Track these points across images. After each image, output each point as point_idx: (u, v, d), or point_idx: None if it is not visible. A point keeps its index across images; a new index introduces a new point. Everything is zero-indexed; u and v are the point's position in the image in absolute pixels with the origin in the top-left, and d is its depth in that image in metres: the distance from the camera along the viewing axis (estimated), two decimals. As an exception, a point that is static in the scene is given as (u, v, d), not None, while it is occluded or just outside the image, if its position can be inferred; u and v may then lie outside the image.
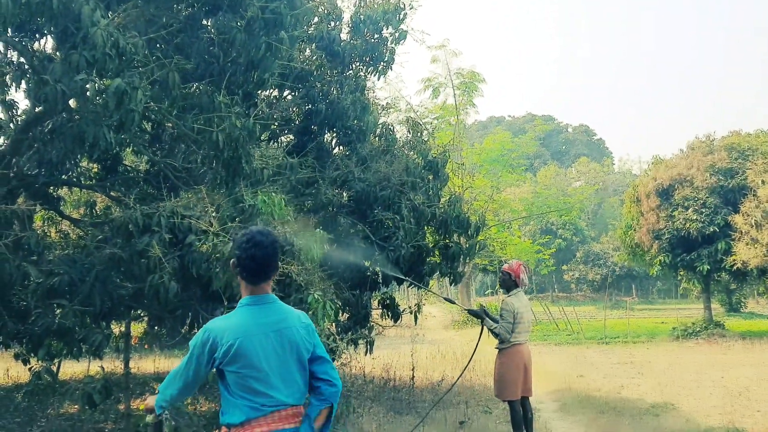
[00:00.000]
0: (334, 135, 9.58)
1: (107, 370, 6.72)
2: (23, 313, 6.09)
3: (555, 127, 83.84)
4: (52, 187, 7.33)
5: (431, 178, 10.01)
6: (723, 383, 11.41)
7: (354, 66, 9.56)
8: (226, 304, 5.50)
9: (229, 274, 5.21)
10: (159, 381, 2.98)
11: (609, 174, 71.08)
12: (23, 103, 10.48)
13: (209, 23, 6.69)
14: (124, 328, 7.80)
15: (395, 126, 10.63)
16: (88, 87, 5.33)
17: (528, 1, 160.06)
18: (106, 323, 6.84)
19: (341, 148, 9.71)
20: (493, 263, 31.46)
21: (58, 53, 5.88)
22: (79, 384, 6.01)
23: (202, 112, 6.10)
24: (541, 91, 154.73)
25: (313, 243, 6.23)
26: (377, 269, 8.77)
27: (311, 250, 6.19)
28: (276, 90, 8.99)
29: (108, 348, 6.58)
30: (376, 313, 9.75)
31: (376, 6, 9.41)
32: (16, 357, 6.41)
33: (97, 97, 5.41)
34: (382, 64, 9.62)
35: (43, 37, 6.35)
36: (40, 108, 6.20)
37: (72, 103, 5.84)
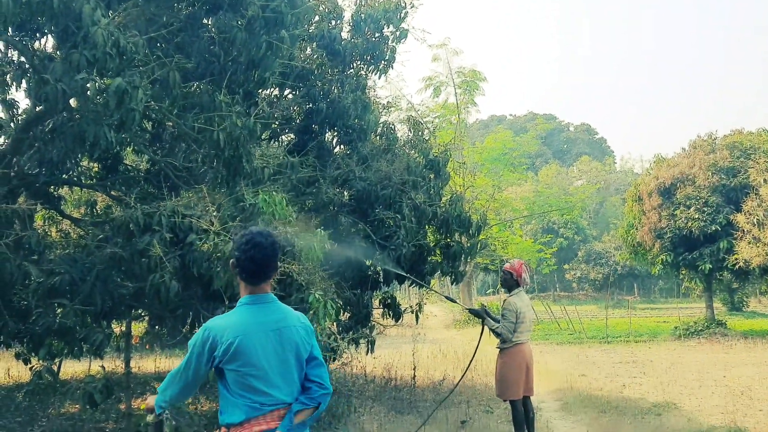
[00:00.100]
0: (335, 134, 9.55)
1: (108, 369, 6.73)
2: (24, 313, 6.09)
3: (556, 126, 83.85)
4: (52, 187, 7.33)
5: (432, 177, 10.00)
6: (725, 382, 11.39)
7: (355, 65, 9.55)
8: (227, 304, 5.49)
9: (230, 274, 5.20)
10: (160, 380, 2.97)
11: (611, 173, 71.05)
12: (24, 102, 10.48)
13: (210, 22, 6.68)
14: (124, 328, 7.79)
15: (396, 125, 10.62)
16: (88, 86, 5.32)
17: (529, 0, 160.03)
18: (106, 322, 6.84)
19: (342, 147, 9.69)
20: (495, 262, 31.46)
21: (58, 52, 5.87)
22: (80, 383, 6.01)
23: (203, 111, 6.10)
24: (543, 89, 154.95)
25: (314, 242, 6.21)
26: (378, 268, 8.75)
27: (312, 249, 6.17)
28: (277, 89, 8.97)
29: (109, 347, 6.59)
30: (377, 313, 9.73)
31: (377, 4, 9.38)
32: (17, 356, 6.42)
33: (98, 97, 5.41)
34: (383, 62, 9.61)
35: (44, 37, 6.35)
36: (41, 107, 6.19)
37: (73, 102, 5.83)
